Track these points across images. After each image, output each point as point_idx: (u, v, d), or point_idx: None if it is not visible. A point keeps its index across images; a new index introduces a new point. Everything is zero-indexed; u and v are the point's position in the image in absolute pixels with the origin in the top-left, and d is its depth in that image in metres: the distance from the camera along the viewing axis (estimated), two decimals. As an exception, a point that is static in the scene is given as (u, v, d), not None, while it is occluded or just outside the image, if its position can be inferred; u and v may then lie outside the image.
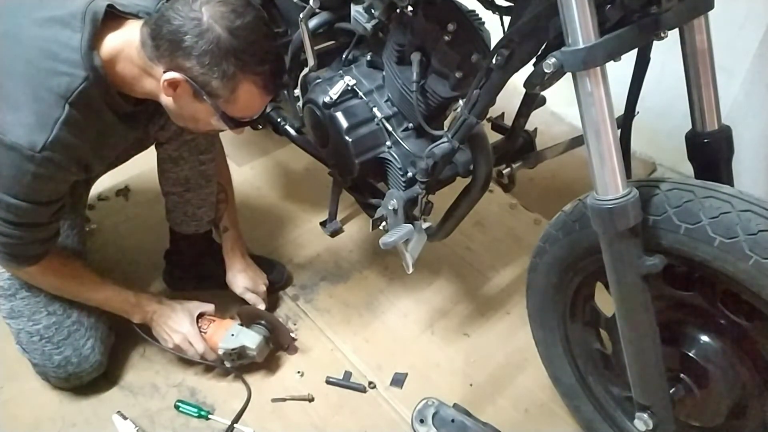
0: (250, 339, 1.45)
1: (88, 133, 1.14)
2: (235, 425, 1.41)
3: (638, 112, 1.15)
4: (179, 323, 1.44)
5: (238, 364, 1.48)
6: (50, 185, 1.16)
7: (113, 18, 1.14)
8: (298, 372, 1.53)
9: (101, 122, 1.17)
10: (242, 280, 1.61)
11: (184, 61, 1.08)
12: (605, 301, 1.14)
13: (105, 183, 1.92)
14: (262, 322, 1.51)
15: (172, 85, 1.11)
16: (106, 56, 1.12)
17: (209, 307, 1.51)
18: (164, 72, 1.10)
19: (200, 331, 1.46)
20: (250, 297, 1.61)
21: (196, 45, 1.06)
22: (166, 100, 1.15)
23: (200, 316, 1.48)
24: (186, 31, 1.06)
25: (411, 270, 1.34)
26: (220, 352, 1.44)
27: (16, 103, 1.08)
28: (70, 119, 1.09)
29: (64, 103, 1.08)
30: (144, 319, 1.45)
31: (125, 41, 1.13)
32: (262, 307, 1.60)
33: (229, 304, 1.61)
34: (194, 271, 1.71)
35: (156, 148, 1.51)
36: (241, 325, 1.49)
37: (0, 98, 1.10)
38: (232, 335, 1.45)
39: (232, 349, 1.44)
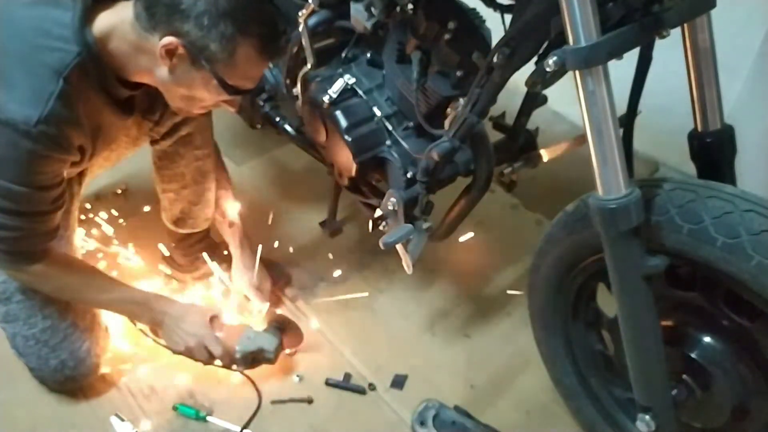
0: (268, 341, 1.43)
1: (81, 111, 1.14)
2: (233, 426, 1.40)
3: (641, 111, 1.15)
4: (195, 326, 1.39)
5: (251, 367, 1.45)
6: (48, 166, 1.14)
7: (104, 0, 1.14)
8: (297, 375, 1.52)
9: (95, 102, 1.17)
10: (251, 276, 1.60)
11: (181, 25, 1.07)
12: (607, 302, 1.14)
13: (103, 182, 1.92)
14: (273, 323, 1.49)
15: (169, 53, 1.09)
16: (98, 33, 1.12)
17: (219, 310, 1.48)
18: (160, 39, 1.09)
19: None
20: (255, 294, 1.60)
21: (194, 6, 1.06)
22: (162, 74, 1.14)
23: (210, 319, 1.43)
24: None
25: (411, 270, 1.33)
26: (238, 355, 1.41)
27: (11, 80, 1.08)
28: (64, 94, 1.09)
29: (58, 77, 1.08)
30: (153, 320, 1.40)
31: (118, 19, 1.13)
32: (265, 306, 1.59)
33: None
34: (193, 271, 1.70)
35: (151, 145, 1.50)
36: (250, 327, 1.47)
37: None
38: (249, 338, 1.42)
39: (250, 352, 1.41)
